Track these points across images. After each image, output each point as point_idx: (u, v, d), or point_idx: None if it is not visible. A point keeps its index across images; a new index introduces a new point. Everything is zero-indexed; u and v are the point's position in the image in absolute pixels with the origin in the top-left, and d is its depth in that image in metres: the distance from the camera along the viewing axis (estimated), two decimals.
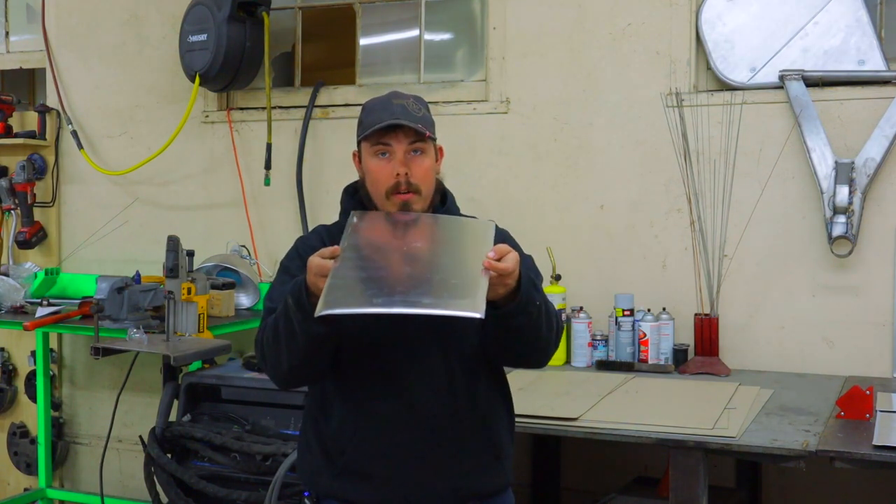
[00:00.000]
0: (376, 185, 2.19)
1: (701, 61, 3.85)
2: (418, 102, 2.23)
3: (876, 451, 2.53)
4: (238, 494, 3.16)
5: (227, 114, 4.63)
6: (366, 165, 2.22)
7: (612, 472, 3.85)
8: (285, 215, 4.51)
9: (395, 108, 2.18)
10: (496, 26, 4.11)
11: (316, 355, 2.10)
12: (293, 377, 2.20)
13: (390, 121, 2.15)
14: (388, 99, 2.22)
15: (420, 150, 2.19)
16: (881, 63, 3.59)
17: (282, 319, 2.07)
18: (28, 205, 4.84)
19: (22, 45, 5.29)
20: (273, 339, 2.11)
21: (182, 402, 3.46)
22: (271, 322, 2.12)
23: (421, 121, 2.18)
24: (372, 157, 2.19)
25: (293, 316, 2.03)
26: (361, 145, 2.23)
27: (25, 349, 4.94)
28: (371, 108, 2.22)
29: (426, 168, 2.20)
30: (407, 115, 2.17)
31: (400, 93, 2.25)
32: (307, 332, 2.02)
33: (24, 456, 4.90)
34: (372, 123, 2.17)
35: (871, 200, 3.55)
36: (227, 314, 4.11)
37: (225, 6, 4.30)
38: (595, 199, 3.96)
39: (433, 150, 2.24)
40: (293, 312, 2.03)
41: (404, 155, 2.17)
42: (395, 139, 2.17)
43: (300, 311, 2.01)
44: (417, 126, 2.16)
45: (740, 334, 3.72)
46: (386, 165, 2.17)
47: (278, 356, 2.12)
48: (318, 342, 2.06)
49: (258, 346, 2.20)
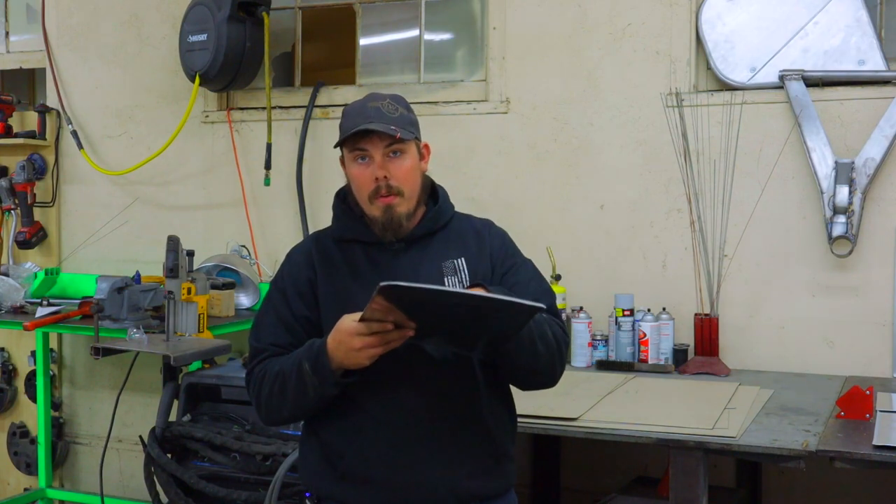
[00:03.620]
0: (359, 191, 2.19)
1: (701, 61, 3.85)
2: (395, 102, 2.20)
3: (876, 451, 2.53)
4: (238, 494, 3.16)
5: (227, 114, 4.63)
6: (348, 171, 2.21)
7: (612, 472, 3.85)
8: (285, 215, 4.51)
9: (369, 111, 2.15)
10: (496, 26, 4.11)
11: (322, 407, 2.14)
12: (287, 422, 2.27)
13: (362, 125, 2.12)
14: (364, 102, 2.20)
15: (399, 151, 2.16)
16: (881, 63, 3.59)
17: (292, 380, 2.08)
18: (28, 205, 4.84)
19: (22, 45, 5.29)
20: (279, 395, 2.12)
21: (182, 402, 3.46)
22: (276, 377, 2.12)
23: (396, 121, 2.15)
24: (352, 163, 2.19)
25: (308, 381, 2.05)
26: (343, 150, 2.22)
27: (25, 349, 4.94)
28: (348, 113, 2.20)
29: (406, 169, 2.17)
30: (381, 116, 2.14)
31: (377, 94, 2.23)
32: (323, 394, 2.05)
33: (24, 456, 4.90)
34: (348, 128, 2.15)
35: (871, 200, 3.55)
36: (227, 314, 4.11)
37: (225, 6, 4.30)
38: (595, 199, 3.96)
39: (415, 149, 2.20)
40: (308, 377, 2.04)
41: (382, 158, 2.15)
42: (371, 143, 2.14)
43: (318, 376, 2.03)
44: (389, 129, 2.13)
45: (740, 334, 3.72)
46: (365, 170, 2.16)
47: (280, 408, 2.16)
48: (331, 398, 2.09)
49: (251, 389, 2.21)
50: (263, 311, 2.27)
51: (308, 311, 2.20)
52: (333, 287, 2.20)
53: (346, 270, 2.21)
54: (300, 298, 2.20)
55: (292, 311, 2.20)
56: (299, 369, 2.06)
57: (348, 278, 2.20)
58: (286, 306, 2.20)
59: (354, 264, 2.21)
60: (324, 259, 2.23)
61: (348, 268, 2.21)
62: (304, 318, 2.19)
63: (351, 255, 2.22)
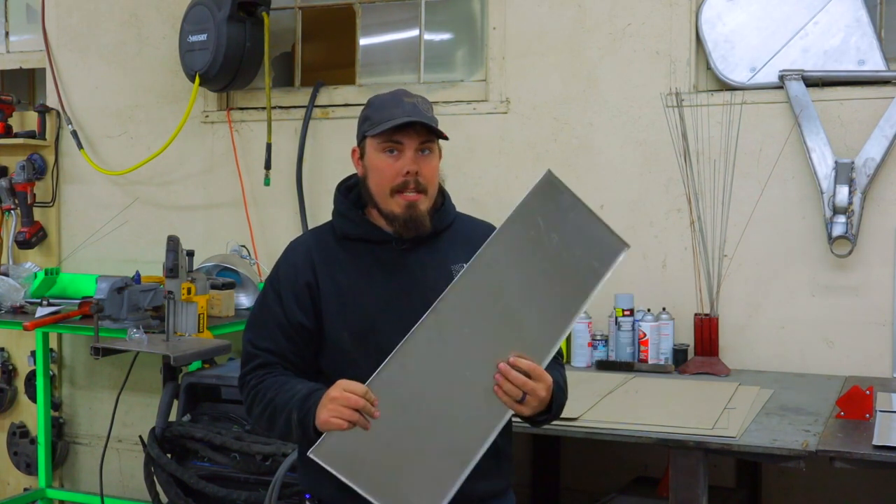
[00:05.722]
0: (381, 183, 2.15)
1: (701, 61, 3.85)
2: (426, 102, 2.20)
3: (876, 451, 2.53)
4: (238, 494, 3.17)
5: (227, 114, 4.63)
6: (371, 162, 2.17)
7: (612, 472, 3.85)
8: (285, 215, 4.51)
9: (406, 105, 2.14)
10: (496, 26, 4.11)
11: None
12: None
13: (405, 118, 2.11)
14: (398, 96, 2.18)
15: (429, 150, 2.16)
16: (881, 63, 3.59)
17: (280, 419, 2.08)
18: (28, 205, 4.84)
19: (22, 45, 5.29)
20: (268, 422, 2.13)
21: (182, 402, 3.46)
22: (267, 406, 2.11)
23: (432, 121, 2.16)
24: (379, 154, 2.15)
25: (294, 429, 2.05)
26: (367, 142, 2.18)
27: (25, 349, 4.94)
28: (381, 105, 2.18)
29: (433, 168, 2.18)
30: (419, 113, 2.13)
31: (407, 91, 2.22)
32: (306, 440, 2.05)
33: (24, 456, 4.90)
34: (383, 119, 2.13)
35: (871, 200, 3.55)
36: (227, 314, 4.11)
37: (225, 6, 4.30)
38: (595, 198, 3.94)
39: (438, 151, 2.21)
40: (295, 427, 2.05)
41: (414, 153, 2.14)
42: (407, 137, 2.13)
43: (302, 430, 2.03)
44: (433, 124, 2.13)
45: (740, 334, 3.72)
46: (395, 163, 2.13)
47: (267, 431, 2.20)
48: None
49: (243, 395, 2.20)
50: (258, 311, 2.24)
51: (303, 317, 2.16)
52: (338, 287, 2.16)
53: (350, 269, 2.18)
54: (295, 303, 2.16)
55: (287, 315, 2.16)
56: (288, 416, 2.06)
57: (354, 277, 2.17)
58: (281, 310, 2.17)
59: (360, 263, 2.18)
60: (325, 259, 2.19)
61: (353, 267, 2.18)
62: (299, 323, 2.16)
63: (355, 254, 2.19)
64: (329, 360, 2.18)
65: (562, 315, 2.08)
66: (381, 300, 2.15)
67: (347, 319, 2.15)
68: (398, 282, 2.17)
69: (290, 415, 2.05)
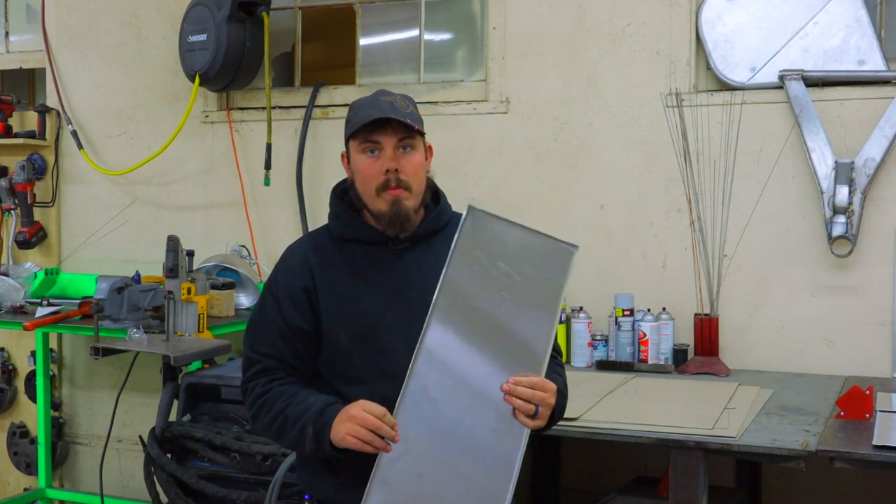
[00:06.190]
0: (366, 184, 2.16)
1: (701, 61, 3.85)
2: (406, 100, 2.20)
3: (876, 451, 2.53)
4: (238, 494, 3.17)
5: (227, 114, 4.63)
6: (354, 164, 2.19)
7: (612, 472, 3.85)
8: (285, 215, 4.51)
9: (382, 104, 2.15)
10: (496, 26, 4.11)
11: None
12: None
13: (378, 115, 2.12)
14: (375, 97, 2.20)
15: (409, 147, 2.16)
16: (881, 63, 3.59)
17: (293, 432, 2.09)
18: (28, 205, 4.84)
19: (22, 45, 5.29)
20: (277, 432, 2.15)
21: (182, 402, 3.46)
22: (277, 416, 2.12)
23: (409, 117, 2.15)
24: (360, 155, 2.17)
25: (308, 443, 2.07)
26: (350, 144, 2.20)
27: (25, 349, 4.94)
28: (358, 107, 2.19)
29: (415, 164, 2.17)
30: (395, 110, 2.14)
31: (387, 90, 2.23)
32: (318, 453, 2.07)
33: (24, 456, 4.90)
34: (360, 121, 2.14)
35: (871, 200, 3.55)
36: (227, 314, 4.11)
37: (225, 6, 4.30)
38: (595, 199, 3.96)
39: (422, 147, 2.21)
40: (310, 441, 2.06)
41: (393, 151, 2.14)
42: (384, 135, 2.14)
43: (317, 444, 2.05)
44: (406, 120, 2.13)
45: (740, 334, 3.72)
46: (375, 163, 2.15)
47: (276, 440, 2.21)
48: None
49: (246, 402, 2.21)
50: (258, 316, 2.25)
51: (303, 322, 2.16)
52: (335, 289, 2.17)
53: (348, 271, 2.18)
54: (294, 308, 2.17)
55: (286, 320, 2.17)
56: (302, 429, 2.07)
57: (351, 279, 2.18)
58: (280, 315, 2.18)
59: (357, 265, 2.19)
60: (323, 262, 2.20)
61: (350, 268, 2.19)
62: (298, 328, 2.17)
63: (352, 256, 2.20)
64: (327, 362, 2.18)
65: (540, 331, 2.10)
66: (378, 301, 2.15)
67: (346, 321, 2.15)
68: (395, 282, 2.17)
69: (304, 428, 2.06)
